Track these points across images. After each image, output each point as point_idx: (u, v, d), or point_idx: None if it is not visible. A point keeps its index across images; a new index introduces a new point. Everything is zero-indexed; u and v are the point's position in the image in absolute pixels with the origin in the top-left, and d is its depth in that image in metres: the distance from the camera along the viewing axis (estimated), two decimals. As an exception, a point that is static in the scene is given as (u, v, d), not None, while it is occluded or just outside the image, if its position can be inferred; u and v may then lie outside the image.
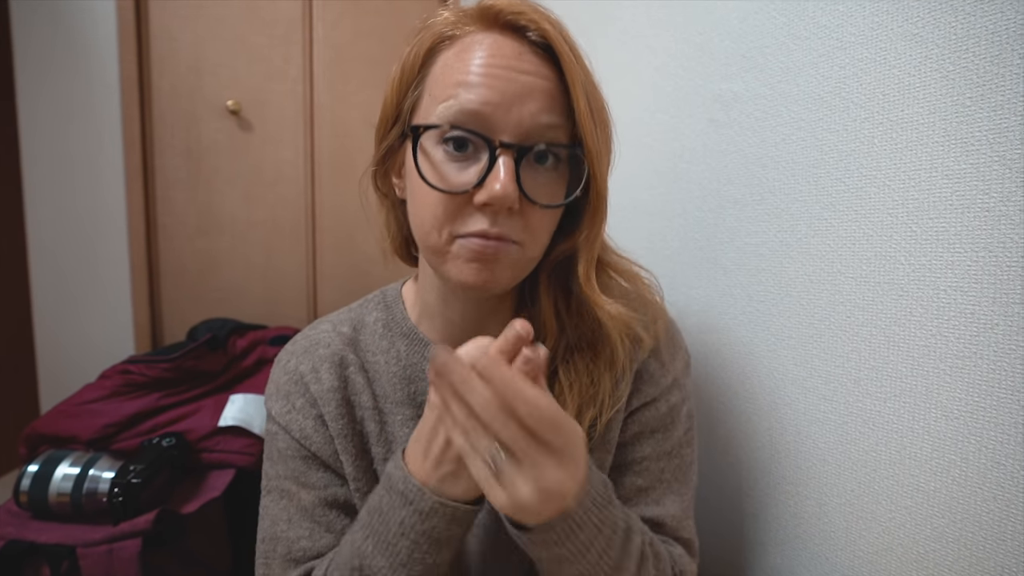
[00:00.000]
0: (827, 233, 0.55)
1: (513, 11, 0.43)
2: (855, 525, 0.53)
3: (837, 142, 0.53)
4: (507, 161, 0.41)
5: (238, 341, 1.27)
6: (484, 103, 0.41)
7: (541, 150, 0.43)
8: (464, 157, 0.43)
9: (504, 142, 0.41)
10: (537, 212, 0.44)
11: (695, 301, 0.74)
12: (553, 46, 0.43)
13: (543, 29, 0.43)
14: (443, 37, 0.45)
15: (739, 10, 0.65)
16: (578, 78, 0.42)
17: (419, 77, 0.46)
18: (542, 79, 0.43)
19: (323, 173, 1.67)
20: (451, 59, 0.44)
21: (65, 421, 0.99)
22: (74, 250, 1.57)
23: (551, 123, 0.43)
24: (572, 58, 0.43)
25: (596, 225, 0.47)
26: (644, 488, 0.54)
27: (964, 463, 0.43)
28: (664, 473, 0.55)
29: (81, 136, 1.53)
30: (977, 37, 0.41)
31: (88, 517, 0.86)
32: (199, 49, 1.56)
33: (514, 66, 0.42)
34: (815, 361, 0.57)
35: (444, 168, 0.43)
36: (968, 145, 0.42)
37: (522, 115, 0.42)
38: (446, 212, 0.43)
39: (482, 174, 0.42)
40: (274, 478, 0.53)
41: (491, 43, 0.43)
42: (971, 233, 0.42)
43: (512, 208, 0.42)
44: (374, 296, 0.59)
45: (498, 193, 0.40)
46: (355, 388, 0.53)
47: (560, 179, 0.46)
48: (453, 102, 0.42)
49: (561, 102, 0.43)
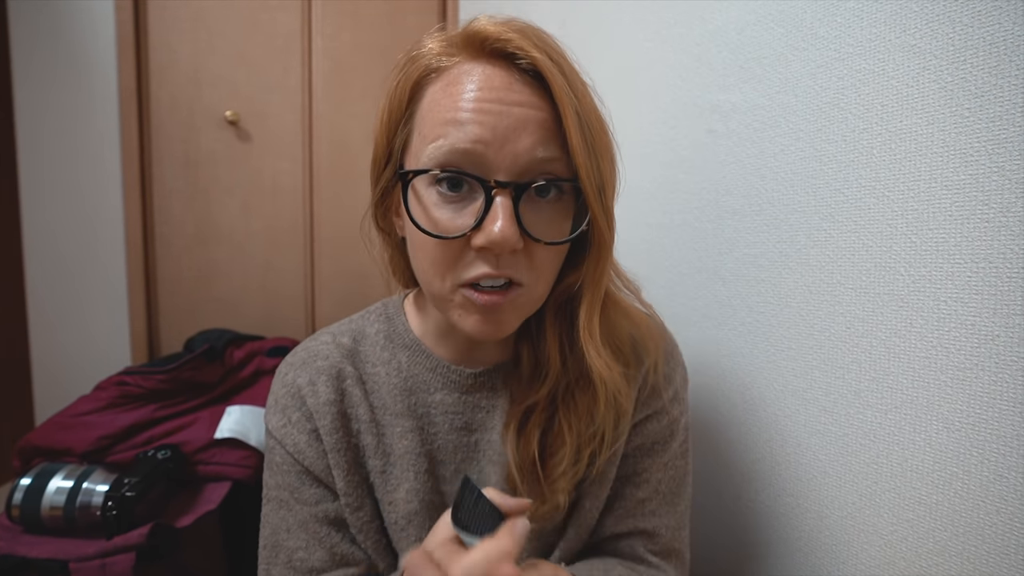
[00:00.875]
0: (826, 244, 0.55)
1: (501, 39, 0.40)
2: (856, 538, 0.53)
3: (836, 153, 0.53)
4: (504, 201, 0.39)
5: (235, 352, 1.26)
6: (475, 141, 0.39)
7: (540, 185, 0.41)
8: (459, 198, 0.41)
9: (500, 181, 0.39)
10: (542, 249, 0.42)
11: (694, 312, 0.74)
12: (544, 75, 0.40)
13: (532, 58, 0.40)
14: (429, 70, 0.43)
15: (737, 22, 0.65)
16: (570, 108, 0.40)
17: (407, 114, 0.44)
18: (535, 110, 0.40)
19: (321, 184, 1.67)
20: (438, 94, 0.42)
21: (59, 433, 0.97)
22: (71, 260, 1.56)
23: (548, 156, 0.40)
24: (564, 86, 0.40)
25: (600, 262, 0.44)
26: (642, 500, 0.54)
27: (966, 475, 0.43)
28: (661, 485, 0.55)
29: (79, 146, 1.53)
30: (975, 48, 0.41)
31: (81, 531, 0.85)
32: (198, 60, 1.56)
33: (504, 98, 0.40)
34: (815, 372, 0.57)
35: (439, 212, 0.41)
36: (967, 156, 0.42)
37: (517, 151, 0.39)
38: (445, 258, 0.42)
39: (479, 216, 0.40)
40: (273, 488, 0.53)
41: (479, 74, 0.40)
42: (971, 244, 0.42)
43: (515, 249, 0.40)
44: (375, 308, 0.59)
45: (496, 237, 0.39)
46: (352, 401, 0.53)
47: (565, 211, 0.43)
48: (443, 142, 0.40)
49: (557, 132, 0.41)
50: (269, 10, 1.59)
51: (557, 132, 0.41)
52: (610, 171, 0.44)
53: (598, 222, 0.42)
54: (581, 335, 0.45)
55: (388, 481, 0.52)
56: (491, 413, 0.53)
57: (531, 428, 0.49)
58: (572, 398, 0.48)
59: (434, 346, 0.54)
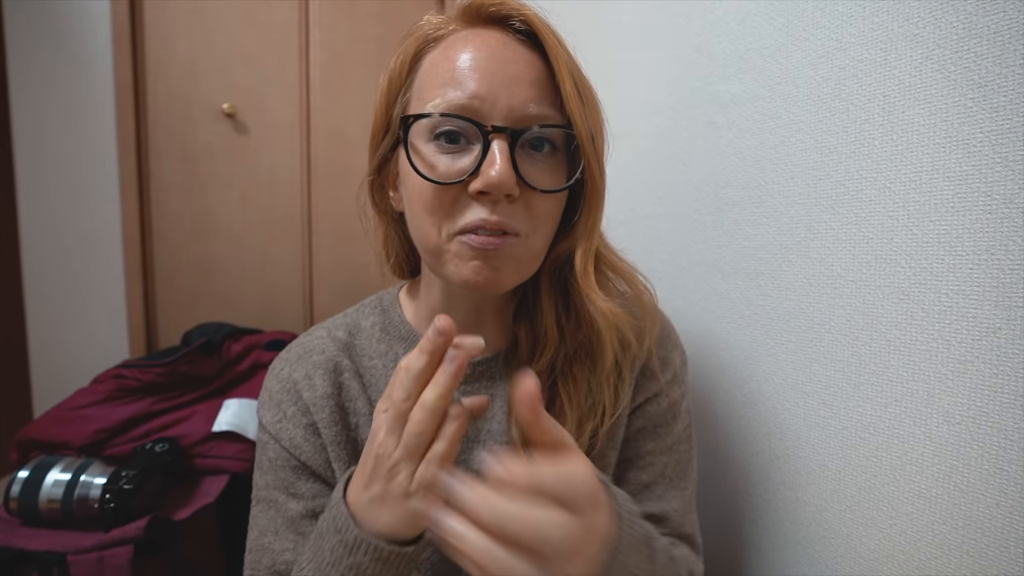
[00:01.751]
0: (826, 236, 0.54)
1: (494, 2, 0.43)
2: (855, 531, 0.53)
3: (837, 144, 0.52)
4: (501, 145, 0.40)
5: (233, 346, 1.26)
6: (472, 97, 0.41)
7: (535, 135, 0.42)
8: (457, 149, 0.42)
9: (497, 126, 0.41)
10: (538, 199, 0.43)
11: (693, 305, 0.74)
12: (536, 31, 0.43)
13: (525, 15, 0.43)
14: (428, 40, 0.45)
15: (737, 11, 0.64)
16: (563, 60, 0.42)
17: (407, 83, 0.46)
18: (529, 67, 0.43)
19: (319, 177, 1.66)
20: (437, 59, 0.44)
21: (57, 426, 0.97)
22: (68, 254, 1.56)
23: (540, 113, 0.42)
24: (556, 41, 0.43)
25: (594, 211, 0.46)
26: (648, 484, 0.54)
27: (966, 468, 0.43)
28: (666, 468, 0.54)
29: (76, 140, 1.52)
30: (979, 37, 0.40)
31: (79, 524, 0.85)
32: (195, 53, 1.55)
33: (499, 56, 0.42)
34: (814, 365, 0.56)
35: (435, 160, 0.42)
36: (970, 146, 0.41)
37: (512, 102, 0.41)
38: (442, 206, 0.42)
39: (477, 161, 0.41)
40: (263, 488, 0.52)
41: (475, 38, 0.43)
42: (973, 236, 0.42)
43: (511, 196, 0.41)
44: (370, 301, 0.59)
45: (494, 179, 0.39)
46: (350, 394, 0.52)
47: (558, 167, 0.45)
48: (441, 100, 0.42)
49: (550, 91, 0.43)
50: (266, 2, 1.58)
51: (550, 91, 0.43)
52: (599, 125, 0.46)
53: (592, 169, 0.44)
54: (579, 280, 0.46)
55: None
56: (491, 402, 0.52)
57: None
58: (571, 370, 0.48)
59: None
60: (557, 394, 0.49)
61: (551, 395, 0.49)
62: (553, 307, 0.49)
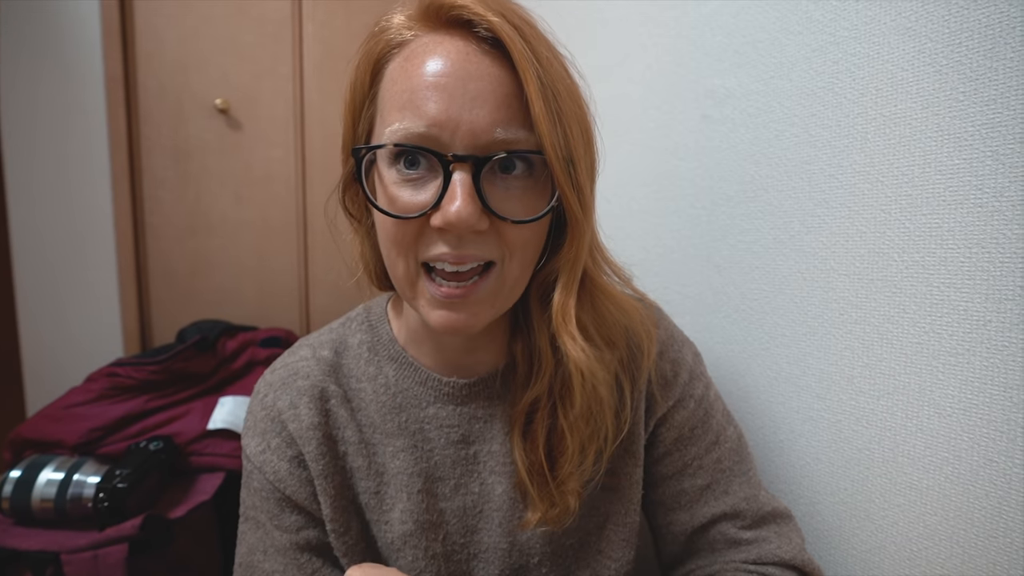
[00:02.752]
0: (820, 230, 0.54)
1: (456, 5, 0.38)
2: (848, 523, 0.53)
3: (830, 138, 0.53)
4: (463, 177, 0.37)
5: (228, 343, 1.25)
6: (431, 124, 0.37)
7: (504, 158, 0.38)
8: (418, 176, 0.39)
9: (458, 155, 0.37)
10: (513, 228, 0.39)
11: (688, 299, 0.74)
12: (502, 40, 0.37)
13: (489, 22, 0.37)
14: (390, 45, 0.41)
15: (732, 5, 0.64)
16: (532, 74, 0.36)
17: (371, 94, 0.42)
18: (495, 83, 0.37)
19: (314, 172, 1.65)
20: (396, 72, 0.39)
21: (50, 425, 0.97)
22: (60, 252, 1.54)
23: (509, 137, 0.37)
24: (525, 51, 0.37)
25: (574, 243, 0.41)
26: (707, 485, 0.52)
27: (957, 460, 0.43)
28: (721, 462, 0.53)
29: (66, 136, 1.50)
30: (970, 31, 0.40)
31: (73, 523, 0.85)
32: (186, 47, 1.54)
33: (460, 72, 0.37)
34: (809, 359, 0.57)
35: (398, 191, 0.39)
36: (961, 140, 0.41)
37: (474, 126, 0.37)
38: (406, 238, 0.39)
39: (438, 194, 0.37)
40: (250, 508, 0.51)
41: (436, 48, 0.38)
42: (964, 229, 0.42)
43: (479, 229, 0.38)
44: (357, 315, 0.55)
45: (452, 217, 0.36)
46: (337, 423, 0.50)
47: (538, 187, 0.40)
48: (398, 125, 0.38)
49: (520, 109, 0.38)
50: (258, -5, 1.56)
51: (521, 107, 0.38)
52: (582, 144, 0.40)
53: (567, 198, 0.39)
54: (555, 320, 0.42)
55: (383, 502, 0.49)
56: (489, 423, 0.50)
57: (536, 428, 0.46)
58: (569, 394, 0.45)
59: (418, 354, 0.50)
60: (556, 419, 0.46)
61: (552, 419, 0.46)
62: (546, 331, 0.45)
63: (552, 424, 0.46)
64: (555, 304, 0.42)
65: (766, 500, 0.53)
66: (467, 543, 0.50)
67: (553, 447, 0.46)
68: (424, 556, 0.49)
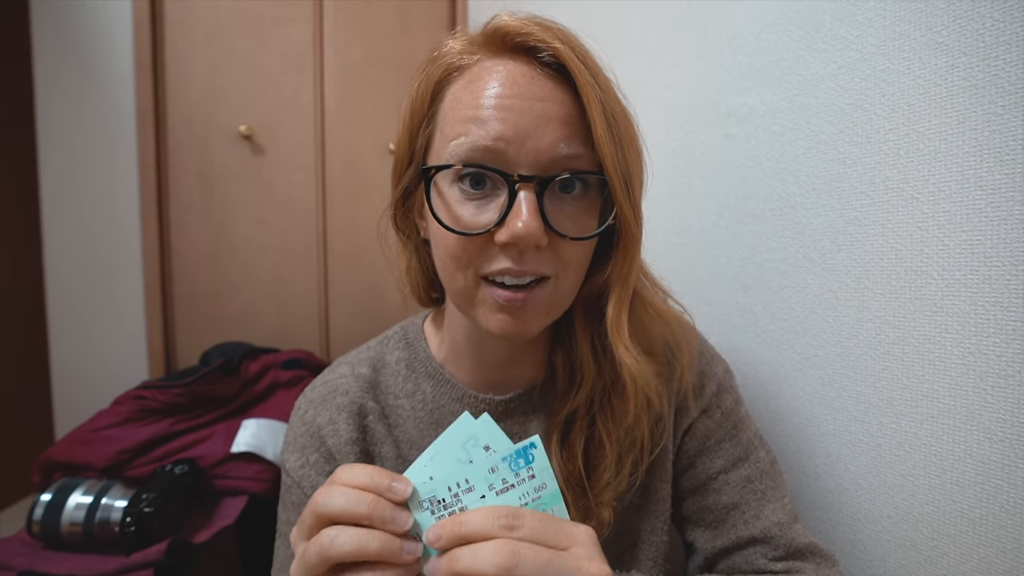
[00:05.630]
0: (852, 248, 0.53)
1: (521, 32, 0.39)
2: (892, 553, 0.51)
3: (860, 155, 0.52)
4: (528, 196, 0.38)
5: (251, 365, 1.26)
6: (497, 139, 0.38)
7: (565, 179, 0.39)
8: (482, 195, 0.40)
9: (523, 175, 0.38)
10: (568, 245, 0.40)
11: (715, 320, 0.73)
12: (567, 66, 0.39)
13: (554, 48, 0.39)
14: (451, 68, 0.42)
15: (753, 24, 0.64)
16: (594, 98, 0.39)
17: (429, 114, 0.43)
18: (558, 105, 0.39)
19: (334, 197, 1.68)
20: (460, 92, 0.41)
21: (79, 448, 0.98)
22: (89, 275, 1.59)
23: (572, 153, 0.39)
24: (588, 77, 0.39)
25: (628, 258, 0.42)
26: (734, 504, 0.50)
27: (1012, 488, 0.41)
28: (751, 482, 0.51)
29: (97, 163, 1.55)
30: (1007, 44, 0.40)
31: (100, 547, 0.85)
32: (212, 77, 1.58)
33: (526, 94, 0.39)
34: (844, 380, 0.55)
35: (461, 209, 0.40)
36: (1002, 155, 0.40)
37: (539, 146, 0.38)
38: (467, 254, 0.41)
39: (502, 211, 0.39)
40: (285, 523, 0.51)
41: (501, 70, 0.40)
42: (1009, 246, 0.40)
43: (540, 245, 0.39)
44: (394, 332, 0.56)
45: (520, 232, 0.37)
46: (375, 438, 0.51)
47: (591, 207, 0.42)
48: (464, 139, 0.39)
49: (581, 128, 0.40)
50: (281, 24, 1.61)
51: (581, 127, 0.40)
52: (637, 164, 0.43)
53: (625, 215, 0.40)
54: (609, 332, 0.43)
55: None
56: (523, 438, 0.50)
57: (574, 439, 0.47)
58: (609, 403, 0.46)
59: (456, 370, 0.52)
60: (596, 429, 0.47)
61: (590, 429, 0.47)
62: (588, 340, 0.46)
63: (590, 434, 0.47)
64: (609, 317, 0.43)
65: (802, 533, 0.50)
66: None
67: (591, 457, 0.47)
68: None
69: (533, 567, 0.29)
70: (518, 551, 0.30)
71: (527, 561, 0.29)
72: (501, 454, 0.34)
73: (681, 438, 0.52)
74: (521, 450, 0.34)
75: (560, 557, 0.30)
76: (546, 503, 0.33)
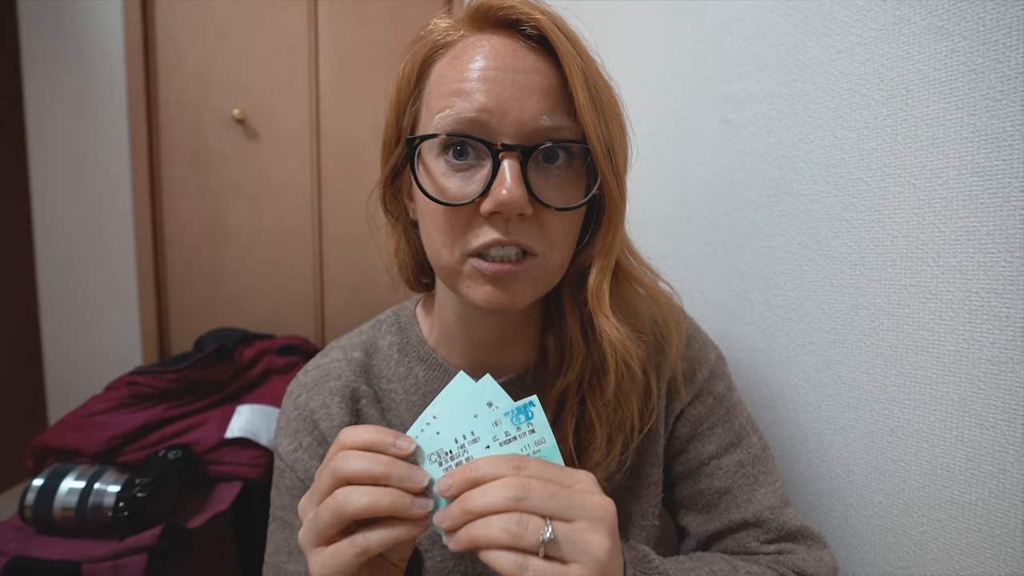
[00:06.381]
0: (848, 235, 0.53)
1: (504, 6, 0.40)
2: (883, 539, 0.51)
3: (858, 140, 0.51)
4: (512, 164, 0.38)
5: (245, 351, 1.26)
6: (480, 109, 0.39)
7: (548, 147, 0.40)
8: (467, 166, 0.40)
9: (506, 144, 0.39)
10: (554, 216, 0.41)
11: (710, 306, 0.73)
12: (548, 36, 0.39)
13: (536, 20, 0.39)
14: (437, 46, 0.43)
15: (753, 8, 0.63)
16: (576, 67, 0.39)
17: (416, 92, 0.44)
18: (541, 76, 0.40)
19: (329, 181, 1.67)
20: (445, 67, 0.42)
21: (71, 433, 0.98)
22: (81, 261, 1.57)
23: (554, 124, 0.39)
24: (569, 48, 0.39)
25: (612, 227, 0.43)
26: (726, 489, 0.51)
27: (1002, 474, 0.41)
28: (743, 467, 0.51)
29: (88, 146, 1.53)
30: (1008, 28, 0.39)
31: (93, 532, 0.85)
32: (205, 59, 1.56)
33: (509, 66, 0.39)
34: (838, 367, 0.55)
35: (447, 181, 0.41)
36: (1000, 141, 0.40)
37: (522, 116, 0.39)
38: (454, 227, 0.41)
39: (487, 181, 0.39)
40: (279, 507, 0.51)
41: (484, 44, 0.40)
42: (1004, 232, 0.40)
43: (524, 214, 0.39)
44: (387, 317, 0.57)
45: (504, 198, 0.37)
46: (368, 422, 0.51)
47: (576, 179, 0.42)
48: (449, 111, 0.39)
49: (564, 99, 0.40)
50: (276, 8, 1.58)
51: (564, 98, 0.40)
52: (619, 135, 0.43)
53: (608, 184, 0.41)
54: (590, 300, 0.43)
55: None
56: None
57: (565, 419, 0.47)
58: (598, 383, 0.46)
59: (448, 354, 0.52)
60: (586, 409, 0.47)
61: (580, 409, 0.47)
62: (578, 319, 0.46)
63: (581, 413, 0.47)
64: (590, 286, 0.44)
65: (794, 516, 0.51)
66: None
67: (581, 438, 0.47)
68: (452, 556, 0.50)
69: (541, 498, 0.31)
70: (527, 484, 0.31)
71: (536, 492, 0.31)
72: (503, 409, 0.35)
73: (673, 423, 0.52)
74: (522, 407, 0.35)
75: (565, 490, 0.32)
76: (545, 456, 0.35)
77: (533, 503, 0.31)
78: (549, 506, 0.31)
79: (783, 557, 0.49)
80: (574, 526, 0.31)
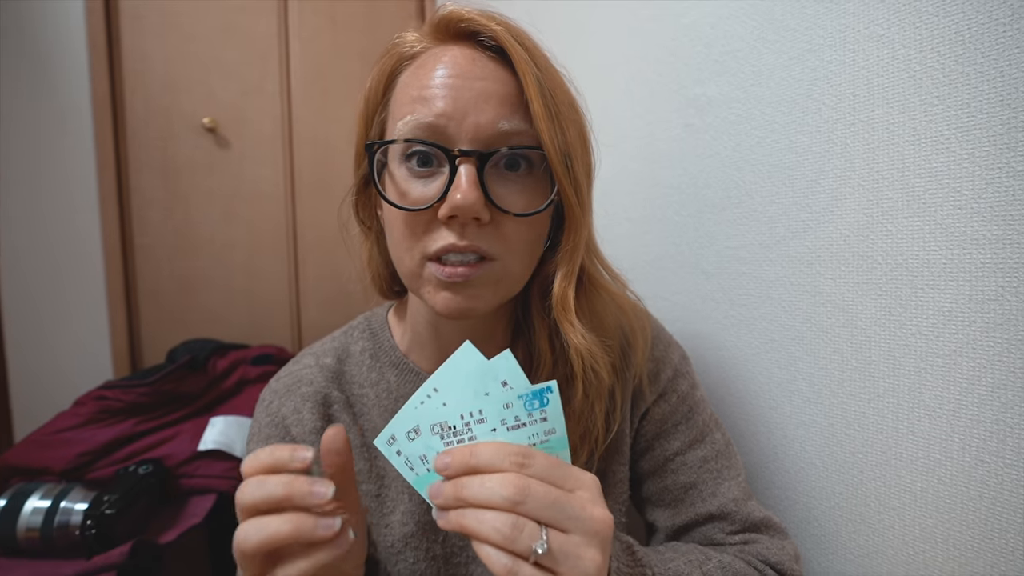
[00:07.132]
0: (805, 235, 0.55)
1: (464, 19, 0.42)
2: (844, 528, 0.53)
3: (811, 144, 0.53)
4: (468, 169, 0.39)
5: (219, 362, 1.24)
6: (439, 115, 0.40)
7: (505, 154, 0.41)
8: (428, 173, 0.41)
9: (463, 150, 0.40)
10: (511, 222, 0.41)
11: (676, 307, 0.74)
12: (504, 46, 0.41)
13: (493, 31, 0.41)
14: (404, 57, 0.45)
15: (710, 16, 0.65)
16: (531, 75, 0.40)
17: (383, 101, 0.45)
18: (499, 83, 0.41)
19: (303, 189, 1.65)
20: (409, 77, 0.43)
21: (37, 452, 0.95)
22: (48, 274, 1.53)
23: (511, 129, 0.41)
24: (525, 56, 0.41)
25: (572, 235, 0.43)
26: (692, 484, 0.52)
27: (949, 462, 0.43)
28: (707, 462, 0.53)
29: (53, 157, 1.50)
30: (941, 37, 0.41)
31: (60, 552, 0.83)
32: (173, 67, 1.54)
33: (468, 73, 0.41)
34: (799, 364, 0.57)
35: (408, 186, 0.42)
36: (937, 144, 0.42)
37: (479, 122, 0.40)
38: (413, 232, 0.42)
39: (445, 186, 0.40)
40: None
41: (445, 55, 0.42)
42: (944, 231, 0.42)
43: (480, 219, 0.40)
44: (359, 323, 0.57)
45: (459, 202, 0.38)
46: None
47: (537, 186, 0.43)
48: (410, 118, 0.41)
49: (522, 106, 0.41)
50: (245, 13, 1.57)
51: (521, 105, 0.41)
52: (578, 142, 0.43)
53: (565, 191, 0.42)
54: (555, 308, 0.44)
55: (384, 504, 0.51)
56: None
57: None
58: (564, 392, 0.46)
59: (419, 359, 0.52)
60: None
61: None
62: (546, 328, 0.47)
63: None
64: (555, 293, 0.44)
65: (757, 508, 0.53)
66: (467, 545, 0.51)
67: None
68: (425, 558, 0.50)
69: (540, 503, 0.30)
70: (528, 486, 0.30)
71: (535, 496, 0.30)
72: (517, 391, 0.33)
73: (639, 422, 0.53)
74: (538, 391, 0.33)
75: (567, 498, 0.31)
76: (553, 447, 0.34)
77: (531, 508, 0.30)
78: (547, 514, 0.30)
79: (748, 547, 0.50)
80: (569, 538, 0.30)
